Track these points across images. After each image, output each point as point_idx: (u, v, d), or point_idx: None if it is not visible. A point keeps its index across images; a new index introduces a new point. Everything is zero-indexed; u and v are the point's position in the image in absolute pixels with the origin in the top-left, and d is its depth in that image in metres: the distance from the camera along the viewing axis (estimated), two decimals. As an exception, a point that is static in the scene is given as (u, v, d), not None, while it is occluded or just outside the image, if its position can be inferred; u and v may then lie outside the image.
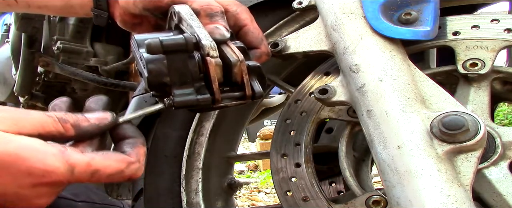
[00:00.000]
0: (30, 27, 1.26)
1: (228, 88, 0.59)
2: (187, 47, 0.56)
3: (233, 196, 0.90)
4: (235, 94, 0.60)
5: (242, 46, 0.61)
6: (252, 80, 0.60)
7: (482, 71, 0.66)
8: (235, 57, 0.57)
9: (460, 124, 0.54)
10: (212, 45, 0.56)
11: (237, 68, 0.57)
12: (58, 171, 0.47)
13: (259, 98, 0.61)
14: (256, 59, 0.68)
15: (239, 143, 0.93)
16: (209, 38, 0.57)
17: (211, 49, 0.56)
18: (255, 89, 0.60)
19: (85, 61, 1.32)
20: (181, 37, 0.56)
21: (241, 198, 3.24)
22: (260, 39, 0.69)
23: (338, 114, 0.75)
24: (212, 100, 0.58)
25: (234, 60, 0.57)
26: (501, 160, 0.60)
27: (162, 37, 0.55)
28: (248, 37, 0.68)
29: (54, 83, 1.46)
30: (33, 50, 1.33)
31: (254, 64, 0.60)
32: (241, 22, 0.68)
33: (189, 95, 0.57)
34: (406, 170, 0.55)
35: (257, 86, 0.60)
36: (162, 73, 0.56)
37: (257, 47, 0.69)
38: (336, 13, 0.69)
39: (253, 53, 0.68)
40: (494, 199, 0.59)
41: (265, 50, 0.69)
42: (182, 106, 0.57)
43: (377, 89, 0.61)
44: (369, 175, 0.83)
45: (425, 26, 0.65)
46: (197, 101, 0.57)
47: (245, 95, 0.59)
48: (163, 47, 0.54)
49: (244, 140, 6.51)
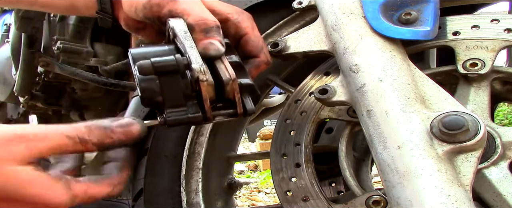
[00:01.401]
0: (30, 27, 1.26)
1: (221, 104, 0.60)
2: (178, 68, 0.56)
3: (233, 196, 0.90)
4: (227, 111, 0.61)
5: (236, 61, 0.62)
6: (245, 97, 0.61)
7: (482, 71, 0.66)
8: (227, 75, 0.58)
9: (460, 124, 0.54)
10: (202, 69, 0.56)
11: (229, 87, 0.58)
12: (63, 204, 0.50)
13: (250, 114, 0.62)
14: (254, 68, 0.68)
15: (239, 143, 0.93)
16: (199, 62, 0.57)
17: (200, 73, 0.56)
18: (247, 106, 0.60)
19: (85, 61, 1.32)
20: (172, 59, 0.56)
21: (241, 198, 3.24)
22: (260, 47, 0.69)
23: (338, 114, 0.75)
24: (203, 118, 0.59)
25: (226, 79, 0.58)
26: (501, 160, 0.60)
27: (154, 59, 0.56)
28: (248, 46, 0.68)
29: (54, 83, 1.46)
30: (33, 50, 1.33)
31: (246, 82, 0.60)
32: (242, 31, 0.68)
33: (180, 114, 0.58)
34: (406, 170, 0.55)
35: (249, 104, 0.61)
36: (155, 92, 0.57)
37: (256, 56, 0.69)
38: (336, 13, 0.69)
39: (252, 62, 0.69)
40: (494, 199, 0.59)
41: (264, 59, 0.69)
42: (174, 124, 0.59)
43: (377, 89, 0.61)
44: (369, 175, 0.84)
45: (425, 26, 0.65)
46: (188, 120, 0.59)
47: (236, 113, 0.60)
48: (154, 68, 0.55)
49: (244, 140, 6.51)
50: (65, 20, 1.31)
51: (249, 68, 0.68)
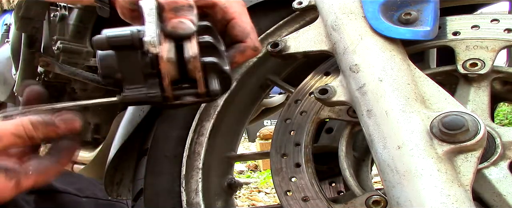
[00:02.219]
0: (30, 27, 1.26)
1: (188, 85, 0.58)
2: (132, 42, 0.55)
3: (233, 196, 0.90)
4: (190, 91, 0.59)
5: (208, 41, 0.60)
6: (210, 77, 0.58)
7: (482, 71, 0.66)
8: (189, 53, 0.56)
9: (460, 124, 0.54)
10: (153, 41, 0.54)
11: (190, 65, 0.56)
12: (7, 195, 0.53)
13: (215, 95, 0.59)
14: (239, 53, 0.67)
15: (239, 143, 0.93)
16: (152, 34, 0.55)
17: (150, 45, 0.54)
18: (211, 87, 0.58)
19: (85, 61, 1.32)
20: (128, 33, 0.55)
21: (241, 198, 3.24)
22: (247, 33, 0.67)
23: (338, 114, 0.75)
24: (163, 97, 0.58)
25: (188, 56, 0.56)
26: (501, 160, 0.60)
27: (110, 33, 0.55)
28: (235, 30, 0.67)
29: (54, 83, 1.45)
30: (33, 50, 1.33)
31: (210, 61, 0.58)
32: (229, 15, 0.67)
33: (139, 92, 0.57)
34: (406, 170, 0.55)
35: (214, 84, 0.59)
36: (113, 69, 0.56)
37: (242, 41, 0.67)
38: (336, 13, 0.69)
39: (238, 47, 0.67)
40: (494, 199, 0.59)
41: (251, 44, 0.67)
42: (131, 101, 0.58)
43: (377, 89, 0.61)
44: (369, 175, 0.83)
45: (425, 26, 0.65)
46: (146, 97, 0.57)
47: (198, 93, 0.58)
48: (108, 42, 0.55)
49: (244, 140, 6.51)
50: (65, 20, 1.31)
51: (234, 53, 0.66)
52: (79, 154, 1.23)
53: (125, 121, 0.81)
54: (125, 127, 0.80)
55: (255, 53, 0.69)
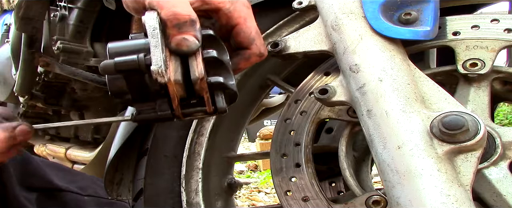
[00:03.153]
0: (30, 27, 1.26)
1: (195, 101, 0.60)
2: (139, 68, 0.56)
3: (233, 196, 0.90)
4: (197, 109, 0.60)
5: (213, 57, 0.60)
6: (217, 95, 0.60)
7: (482, 71, 0.66)
8: (196, 74, 0.57)
9: (460, 124, 0.54)
10: (160, 71, 0.55)
11: (198, 86, 0.57)
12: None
13: (223, 113, 0.61)
14: (244, 60, 0.67)
15: (239, 143, 0.93)
16: (159, 63, 0.55)
17: (158, 75, 0.55)
18: (218, 105, 0.60)
19: (85, 61, 1.32)
20: (134, 59, 0.56)
21: (241, 198, 3.24)
22: (252, 39, 0.66)
23: (338, 114, 0.75)
24: (173, 115, 0.59)
25: (194, 78, 0.57)
26: (501, 160, 0.60)
27: (117, 59, 0.56)
28: (239, 37, 0.66)
29: (54, 83, 1.46)
30: (33, 50, 1.33)
31: (216, 81, 0.59)
32: (233, 21, 0.66)
33: (149, 112, 0.59)
34: (406, 170, 0.55)
35: (221, 102, 0.60)
36: (123, 91, 0.58)
37: (247, 47, 0.66)
38: (336, 13, 0.69)
39: (242, 54, 0.67)
40: (494, 199, 0.59)
41: (255, 51, 0.67)
42: (143, 121, 0.60)
43: (377, 89, 0.61)
44: (369, 175, 0.83)
45: (425, 26, 0.65)
46: (157, 117, 0.59)
47: (206, 111, 0.60)
48: (116, 68, 0.56)
49: (244, 140, 6.51)
50: (65, 20, 1.31)
51: (238, 60, 0.66)
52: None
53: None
54: (125, 127, 0.80)
55: (260, 59, 0.68)
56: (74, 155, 1.48)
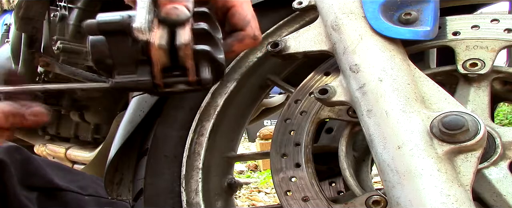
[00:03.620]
0: (30, 27, 1.26)
1: (178, 72, 0.58)
2: (122, 28, 0.54)
3: (233, 196, 0.90)
4: (180, 79, 0.58)
5: (203, 28, 0.58)
6: (202, 65, 0.57)
7: (482, 71, 0.66)
8: (181, 40, 0.55)
9: (460, 124, 0.54)
10: (142, 27, 0.53)
11: (181, 52, 0.55)
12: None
13: (206, 84, 0.58)
14: (238, 42, 0.66)
15: (239, 143, 0.93)
16: (142, 20, 0.53)
17: (139, 32, 0.53)
18: (202, 75, 0.57)
19: (85, 61, 1.32)
20: (118, 18, 0.54)
21: (241, 198, 3.24)
22: (247, 21, 0.66)
23: (338, 114, 0.75)
24: (153, 84, 0.57)
25: (179, 44, 0.55)
26: (501, 160, 0.60)
27: (100, 18, 0.54)
28: (234, 18, 0.65)
29: (54, 83, 1.46)
30: (33, 50, 1.33)
31: (202, 49, 0.57)
32: (229, 3, 0.65)
33: (129, 78, 0.57)
34: (406, 170, 0.55)
35: (205, 73, 0.57)
36: (104, 54, 0.56)
37: (242, 29, 0.66)
38: (336, 13, 0.69)
39: (236, 36, 0.66)
40: (494, 199, 0.59)
41: (250, 33, 0.66)
42: (121, 88, 0.57)
43: (377, 89, 0.61)
44: (369, 175, 0.83)
45: (425, 26, 0.65)
46: (136, 84, 0.57)
47: (189, 81, 0.58)
48: (99, 27, 0.54)
49: (244, 140, 6.51)
50: (65, 20, 1.31)
51: (232, 41, 0.65)
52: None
53: (125, 121, 0.81)
54: (125, 127, 0.80)
55: (254, 42, 0.67)
56: (74, 155, 1.48)
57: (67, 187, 1.05)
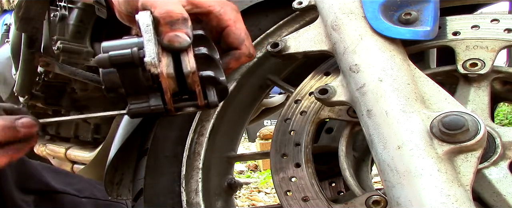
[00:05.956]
0: (30, 27, 1.26)
1: (187, 96, 0.62)
2: (133, 61, 0.58)
3: (233, 196, 0.90)
4: (189, 103, 0.62)
5: (204, 53, 0.62)
6: (208, 89, 0.61)
7: (482, 71, 0.66)
8: (188, 68, 0.59)
9: (460, 124, 0.54)
10: (153, 62, 0.57)
11: (189, 79, 0.59)
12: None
13: (214, 107, 0.63)
14: (234, 60, 0.69)
15: (239, 143, 0.93)
16: (152, 55, 0.57)
17: (152, 66, 0.57)
18: (210, 99, 0.61)
19: (85, 61, 1.32)
20: (128, 52, 0.58)
21: (241, 198, 3.24)
22: (242, 39, 0.69)
23: (338, 114, 0.75)
24: (165, 110, 0.61)
25: (186, 71, 0.59)
26: (501, 160, 0.60)
27: (112, 52, 0.58)
28: (230, 38, 0.69)
29: (54, 83, 1.46)
30: (33, 50, 1.33)
31: (208, 75, 0.61)
32: (224, 23, 0.68)
33: (142, 106, 0.60)
34: (406, 170, 0.55)
35: (212, 96, 0.62)
36: (116, 84, 0.59)
37: (237, 48, 0.69)
38: (336, 13, 0.69)
39: (233, 54, 0.69)
40: (494, 199, 0.59)
41: (245, 51, 0.69)
42: (136, 115, 0.61)
43: (377, 89, 0.61)
44: (369, 175, 0.84)
45: (425, 26, 0.65)
46: (150, 111, 0.60)
47: (198, 105, 0.62)
48: (111, 62, 0.58)
49: (244, 140, 6.52)
50: (65, 20, 1.31)
51: (228, 60, 0.68)
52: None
53: (125, 121, 0.81)
54: (125, 127, 0.80)
55: (249, 59, 0.71)
56: (74, 155, 1.48)
57: (63, 189, 1.05)
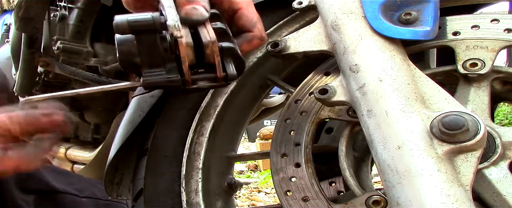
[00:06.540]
0: (30, 27, 1.26)
1: (203, 70, 0.59)
2: (154, 27, 0.55)
3: (233, 196, 0.90)
4: (207, 75, 0.60)
5: (221, 27, 0.61)
6: (227, 62, 0.60)
7: (482, 71, 0.66)
8: (207, 38, 0.57)
9: (460, 124, 0.54)
10: (177, 25, 0.54)
11: (209, 49, 0.57)
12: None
13: (232, 80, 0.61)
14: (247, 42, 0.68)
15: (239, 143, 0.93)
16: (175, 18, 0.55)
17: (175, 29, 0.54)
18: (228, 71, 0.59)
19: (85, 61, 1.32)
20: (149, 17, 0.55)
21: (241, 198, 3.24)
22: (254, 22, 0.68)
23: (338, 114, 0.75)
24: (182, 82, 0.58)
25: (206, 41, 0.57)
26: (501, 160, 0.60)
27: (131, 17, 0.55)
28: (242, 20, 0.68)
29: (54, 83, 1.45)
30: (33, 50, 1.33)
31: (228, 45, 0.59)
32: (236, 5, 0.68)
33: (158, 76, 0.58)
34: (406, 170, 0.55)
35: (231, 68, 0.60)
36: (132, 53, 0.57)
37: (249, 30, 0.68)
38: (336, 13, 0.69)
39: (245, 37, 0.68)
40: (494, 199, 0.59)
41: (258, 34, 0.68)
42: (151, 86, 0.58)
43: (377, 89, 0.61)
44: (369, 175, 0.84)
45: (425, 26, 0.65)
46: (166, 81, 0.58)
47: (217, 77, 0.59)
48: (129, 27, 0.55)
49: (244, 140, 6.52)
50: (65, 20, 1.31)
51: (241, 42, 0.67)
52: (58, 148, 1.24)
53: (125, 121, 0.81)
54: (125, 127, 0.80)
55: (261, 42, 0.70)
56: (74, 155, 1.48)
57: (64, 189, 1.05)
